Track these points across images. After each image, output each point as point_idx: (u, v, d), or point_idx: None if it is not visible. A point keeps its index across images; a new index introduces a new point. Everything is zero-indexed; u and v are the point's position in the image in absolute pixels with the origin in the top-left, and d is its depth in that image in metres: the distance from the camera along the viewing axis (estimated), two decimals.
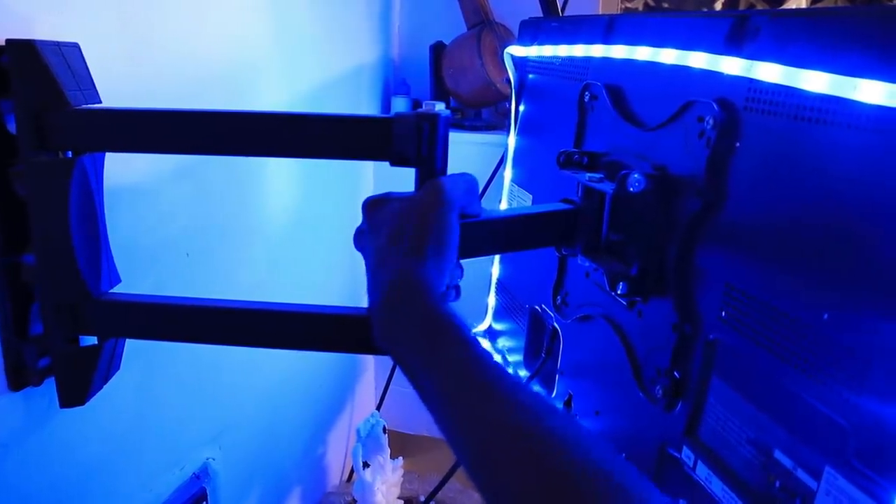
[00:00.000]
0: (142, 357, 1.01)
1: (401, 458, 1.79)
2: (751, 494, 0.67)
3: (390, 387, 1.96)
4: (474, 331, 1.47)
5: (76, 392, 0.86)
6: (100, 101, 0.83)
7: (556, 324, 1.13)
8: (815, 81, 0.60)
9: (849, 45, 0.57)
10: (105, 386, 0.90)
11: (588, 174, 0.87)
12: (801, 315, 0.62)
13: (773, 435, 0.65)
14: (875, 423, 0.53)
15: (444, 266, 0.71)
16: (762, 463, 0.66)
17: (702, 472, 0.74)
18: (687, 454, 0.77)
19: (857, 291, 0.56)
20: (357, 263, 1.47)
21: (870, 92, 0.54)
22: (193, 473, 1.27)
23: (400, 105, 1.94)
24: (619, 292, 0.82)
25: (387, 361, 1.97)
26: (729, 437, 0.71)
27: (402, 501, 1.83)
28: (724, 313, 0.71)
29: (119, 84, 0.91)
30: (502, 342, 1.40)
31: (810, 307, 0.61)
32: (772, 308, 0.65)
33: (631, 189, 0.77)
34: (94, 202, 0.84)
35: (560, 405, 1.10)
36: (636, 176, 0.77)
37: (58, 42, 0.78)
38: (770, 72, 0.65)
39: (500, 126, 1.91)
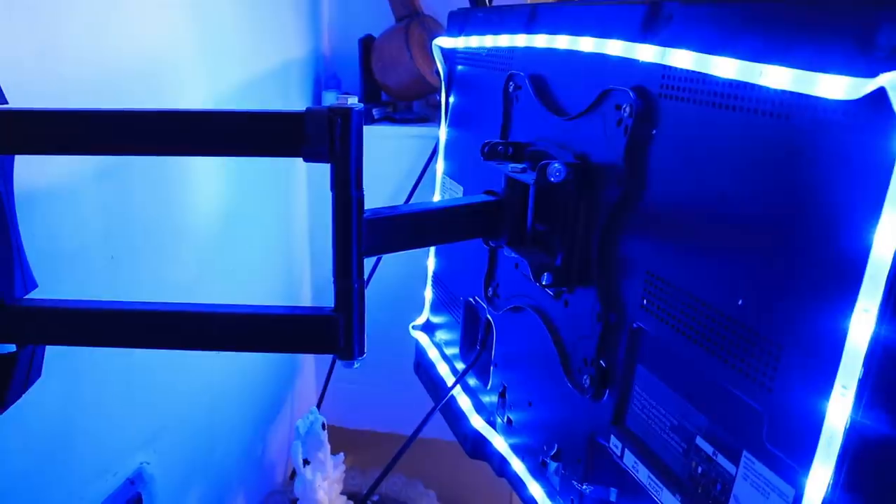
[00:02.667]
0: (67, 361, 0.98)
1: (342, 453, 1.77)
2: (675, 481, 0.68)
3: (331, 383, 1.95)
4: (413, 324, 1.47)
5: None
6: (6, 102, 0.80)
7: (489, 315, 1.13)
8: (724, 67, 0.60)
9: (754, 31, 0.58)
10: (26, 394, 0.88)
11: (511, 165, 0.86)
12: (717, 302, 0.62)
13: (695, 422, 0.65)
14: (787, 406, 0.54)
15: None
16: (685, 450, 0.66)
17: (629, 460, 0.74)
18: (615, 443, 0.77)
19: (770, 277, 0.57)
20: (293, 262, 1.46)
21: (774, 77, 0.55)
22: (127, 479, 1.24)
23: (331, 100, 1.91)
24: (544, 283, 0.82)
25: (326, 358, 1.97)
26: (654, 425, 0.71)
27: (346, 497, 1.82)
28: (645, 301, 0.72)
29: (27, 85, 0.88)
30: (440, 335, 1.39)
31: (725, 294, 0.61)
32: (689, 295, 0.66)
33: (552, 179, 0.77)
34: (2, 206, 0.81)
35: (496, 397, 1.10)
36: (556, 166, 0.77)
37: None
38: (682, 58, 0.65)
39: (432, 118, 1.90)
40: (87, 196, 1.06)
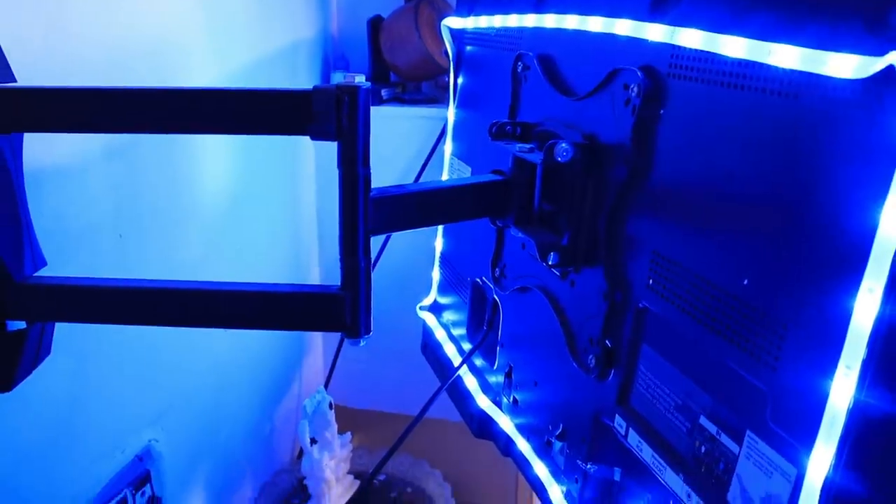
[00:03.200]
0: (75, 340, 0.99)
1: (350, 433, 1.78)
2: (678, 460, 0.68)
3: (338, 362, 1.96)
4: (420, 305, 1.47)
5: (2, 378, 0.84)
6: (14, 80, 0.80)
7: (496, 296, 1.13)
8: (733, 46, 0.60)
9: (763, 9, 0.57)
10: (35, 371, 0.89)
11: (519, 145, 0.86)
12: (723, 281, 0.62)
13: (700, 401, 0.65)
14: (791, 386, 0.54)
15: None
16: (689, 430, 0.67)
17: (633, 439, 0.75)
18: (619, 422, 0.77)
19: (776, 257, 0.57)
20: (300, 243, 1.46)
21: (783, 56, 0.55)
22: (136, 456, 1.26)
23: (339, 80, 1.90)
24: (550, 263, 0.82)
25: (334, 337, 1.98)
26: (658, 404, 0.71)
27: (353, 476, 1.83)
28: (651, 281, 0.72)
29: (36, 63, 0.89)
30: (447, 316, 1.39)
31: (731, 274, 0.61)
32: (695, 274, 0.66)
33: (559, 159, 0.77)
34: (12, 184, 0.81)
35: (502, 377, 1.11)
36: (564, 145, 0.77)
37: None
38: (691, 37, 0.65)
39: (441, 99, 1.89)
40: (96, 175, 1.07)
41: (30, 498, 1.00)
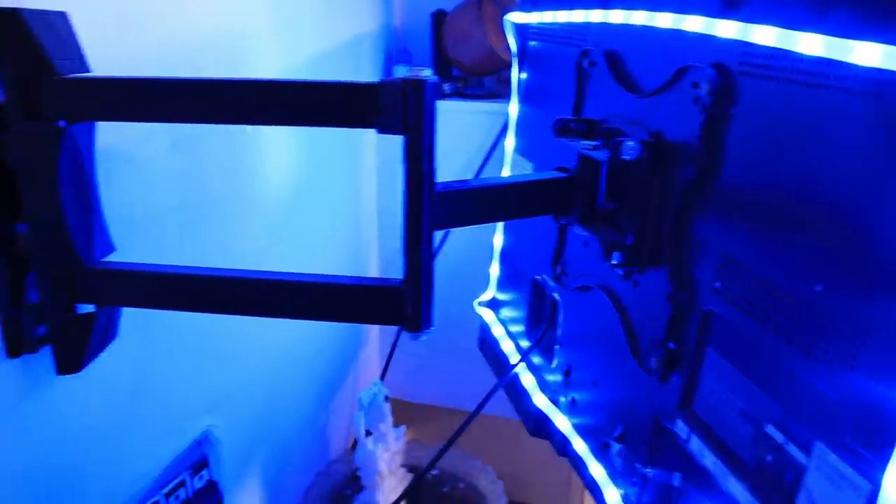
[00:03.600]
0: (141, 324, 1.01)
1: (404, 426, 1.79)
2: (742, 468, 0.66)
3: (394, 356, 1.96)
4: (478, 301, 1.47)
5: (72, 359, 0.87)
6: (89, 70, 0.82)
7: (556, 294, 1.12)
8: (810, 44, 0.58)
9: (843, 6, 0.55)
10: (102, 353, 0.91)
11: (584, 142, 0.85)
12: (795, 286, 0.60)
13: (766, 409, 0.64)
14: (866, 398, 0.52)
15: None
16: (754, 437, 0.65)
17: (695, 444, 0.73)
18: (681, 427, 0.76)
19: (853, 263, 0.55)
20: (360, 236, 1.46)
21: (865, 54, 0.53)
22: (194, 440, 1.28)
23: (401, 74, 1.91)
24: (613, 262, 0.81)
25: (391, 331, 1.98)
26: (722, 410, 0.70)
27: (406, 469, 1.84)
28: (718, 284, 0.70)
29: (109, 53, 0.90)
30: (505, 312, 1.39)
31: (804, 278, 0.59)
32: (765, 279, 0.64)
33: (625, 157, 0.76)
34: (85, 172, 0.83)
35: (560, 376, 1.10)
36: (630, 143, 0.76)
37: (44, 10, 0.77)
38: (765, 34, 0.63)
39: (503, 94, 1.88)
40: (163, 164, 1.09)
41: (96, 475, 1.02)
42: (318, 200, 1.68)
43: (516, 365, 1.20)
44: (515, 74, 1.31)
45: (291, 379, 1.67)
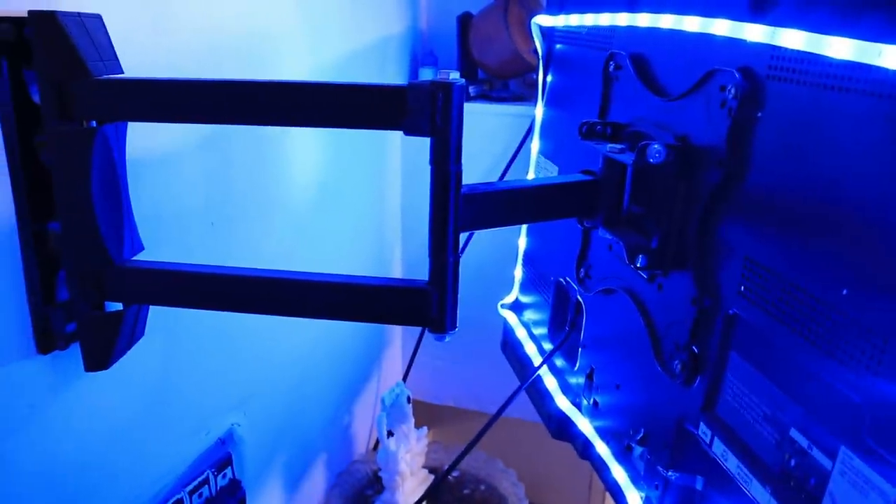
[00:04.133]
0: (167, 323, 1.03)
1: (426, 427, 1.80)
2: (766, 472, 0.66)
3: (417, 357, 1.97)
4: (501, 303, 1.47)
5: (100, 356, 0.88)
6: (122, 72, 0.83)
7: (579, 297, 1.12)
8: (839, 47, 0.58)
9: (873, 10, 0.55)
10: (130, 351, 0.92)
11: (609, 145, 0.86)
12: (820, 290, 0.60)
13: (790, 413, 0.64)
14: (892, 402, 0.52)
15: None
16: (778, 441, 0.65)
17: (718, 448, 0.73)
18: (704, 430, 0.76)
19: (879, 267, 0.55)
20: (384, 238, 1.46)
21: (894, 58, 0.53)
22: (219, 438, 1.29)
23: (427, 76, 1.92)
24: (638, 265, 0.81)
25: (413, 332, 1.99)
26: (746, 413, 0.70)
27: (427, 471, 1.84)
28: (743, 287, 0.70)
29: (140, 55, 0.92)
30: (528, 315, 1.39)
31: (830, 282, 0.59)
32: (791, 283, 0.64)
33: (651, 160, 0.76)
34: (116, 171, 0.85)
35: (583, 379, 1.10)
36: (656, 147, 0.76)
37: (80, 13, 0.79)
38: (793, 38, 0.63)
39: (528, 97, 1.89)
40: (191, 164, 1.10)
41: (122, 471, 1.03)
42: (343, 201, 1.69)
43: (539, 367, 1.20)
44: (541, 77, 1.31)
45: (315, 379, 1.68)
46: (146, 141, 0.96)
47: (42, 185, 0.82)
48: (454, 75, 0.69)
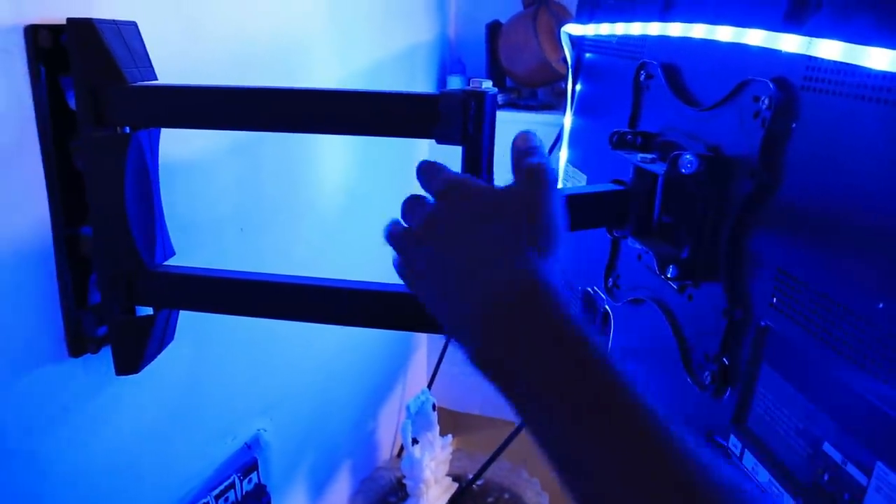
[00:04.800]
0: (196, 328, 1.03)
1: (450, 435, 1.80)
2: (797, 486, 0.65)
3: (442, 365, 1.97)
4: None
5: (131, 360, 0.89)
6: (156, 79, 0.84)
7: (607, 307, 1.12)
8: (879, 59, 0.57)
9: None
10: (159, 355, 0.93)
11: (640, 155, 0.85)
12: (855, 303, 0.60)
13: (823, 427, 0.63)
14: None
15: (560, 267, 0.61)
16: (810, 455, 0.64)
17: (748, 461, 0.73)
18: (734, 442, 0.75)
19: None
20: None
21: None
22: (245, 443, 1.30)
23: (455, 84, 1.93)
24: (668, 276, 0.81)
25: (439, 339, 1.99)
26: (777, 427, 0.69)
27: (451, 478, 1.84)
28: (775, 299, 0.70)
29: (173, 62, 0.93)
30: None
31: (864, 296, 0.59)
32: (824, 295, 0.63)
33: (683, 170, 0.76)
34: (149, 177, 0.86)
35: None
36: (688, 157, 0.75)
37: (116, 20, 0.80)
38: (831, 49, 0.63)
39: (556, 106, 1.89)
40: (222, 170, 1.11)
41: (150, 474, 1.04)
42: (371, 207, 1.69)
43: None
44: (570, 86, 1.31)
45: (340, 385, 1.68)
46: (179, 147, 0.97)
47: (75, 189, 0.83)
48: (487, 84, 0.69)
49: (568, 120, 1.32)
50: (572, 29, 1.29)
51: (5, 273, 0.78)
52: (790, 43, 0.68)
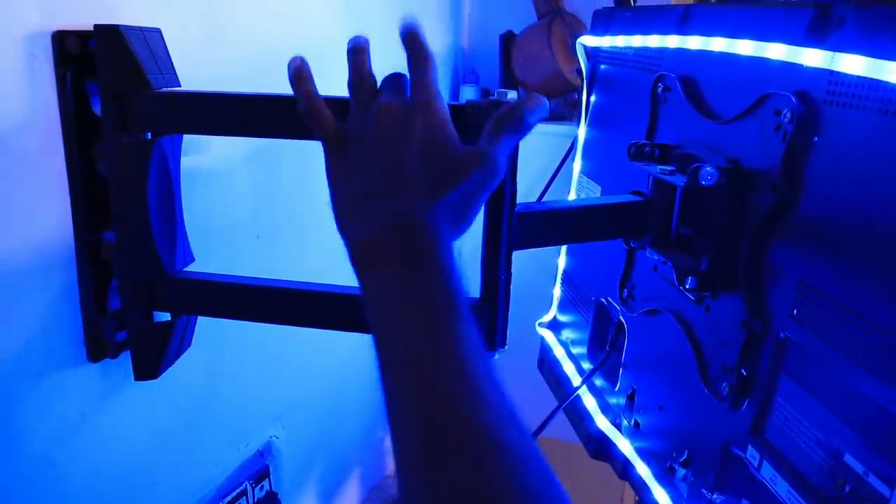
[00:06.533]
0: (212, 336, 1.04)
1: None
2: (818, 498, 0.65)
3: None
4: (540, 321, 1.47)
5: (150, 366, 0.89)
6: (179, 85, 0.85)
7: (621, 317, 1.12)
8: None
9: None
10: (177, 362, 0.93)
11: (659, 166, 0.86)
12: (876, 315, 0.60)
13: (844, 438, 0.63)
14: None
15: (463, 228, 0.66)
16: (831, 467, 0.64)
17: (767, 472, 0.73)
18: (752, 454, 0.75)
19: None
20: None
21: None
22: (257, 450, 1.30)
23: (469, 94, 1.94)
24: (687, 287, 0.81)
25: None
26: (797, 438, 0.69)
27: None
28: (795, 311, 0.70)
29: (196, 68, 0.94)
30: (566, 334, 1.39)
31: (885, 308, 0.59)
32: (845, 307, 0.63)
33: (703, 182, 0.76)
34: (171, 183, 0.86)
35: (623, 399, 1.09)
36: (709, 169, 0.76)
37: (142, 27, 0.81)
38: (854, 64, 0.63)
39: (569, 117, 1.89)
40: (239, 177, 1.12)
41: (164, 479, 1.05)
42: None
43: (579, 387, 1.20)
44: (585, 97, 1.31)
45: (353, 392, 1.68)
46: (198, 153, 0.98)
47: (97, 195, 0.83)
48: (511, 95, 0.69)
49: (582, 131, 1.33)
50: (588, 40, 1.29)
51: (28, 278, 0.79)
52: (813, 57, 0.69)
